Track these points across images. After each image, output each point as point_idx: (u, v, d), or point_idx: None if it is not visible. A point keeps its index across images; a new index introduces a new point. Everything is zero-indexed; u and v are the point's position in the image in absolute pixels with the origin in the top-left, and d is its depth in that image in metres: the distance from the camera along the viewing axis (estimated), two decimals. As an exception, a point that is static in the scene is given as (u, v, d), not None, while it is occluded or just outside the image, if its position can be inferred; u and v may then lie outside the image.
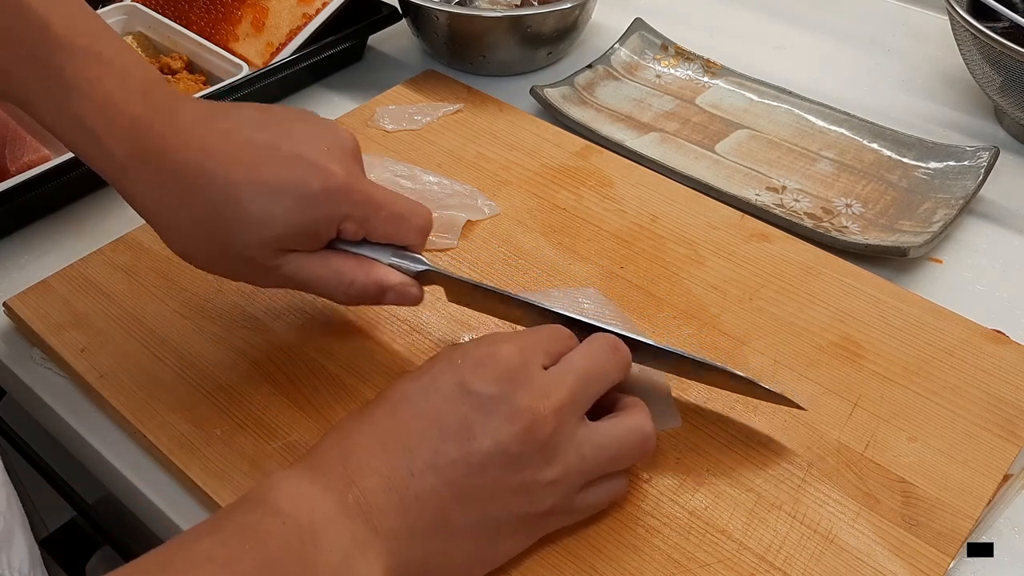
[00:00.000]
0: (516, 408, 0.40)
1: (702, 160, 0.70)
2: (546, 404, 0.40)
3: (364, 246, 0.47)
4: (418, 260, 0.48)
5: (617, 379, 0.44)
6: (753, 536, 0.45)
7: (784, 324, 0.56)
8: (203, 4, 0.79)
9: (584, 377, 0.43)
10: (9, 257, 0.62)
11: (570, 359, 0.43)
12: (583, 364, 0.43)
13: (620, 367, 0.45)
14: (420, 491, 0.39)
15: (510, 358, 0.41)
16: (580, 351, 0.44)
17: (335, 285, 0.46)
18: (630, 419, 0.44)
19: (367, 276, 0.47)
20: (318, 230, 0.45)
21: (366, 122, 0.72)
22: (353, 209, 0.45)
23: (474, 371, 0.41)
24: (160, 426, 0.49)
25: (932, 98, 0.79)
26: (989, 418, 0.50)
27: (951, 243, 0.64)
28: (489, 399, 0.40)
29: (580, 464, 0.41)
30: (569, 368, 0.43)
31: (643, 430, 0.44)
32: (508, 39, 0.77)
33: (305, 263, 0.46)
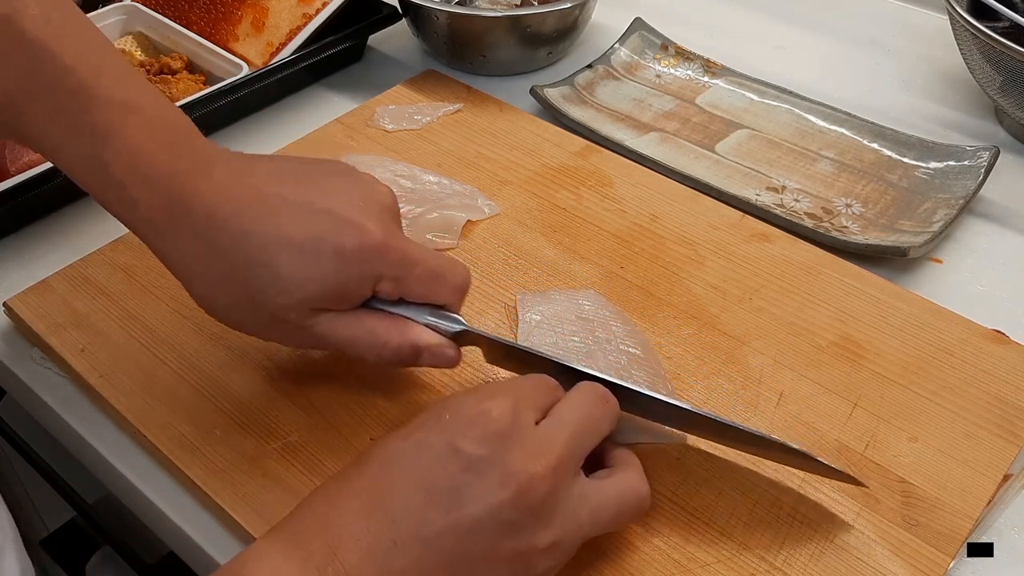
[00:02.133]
0: (509, 470, 0.37)
1: (702, 160, 0.70)
2: (540, 464, 0.38)
3: (400, 305, 0.45)
4: (455, 320, 0.46)
5: (608, 431, 0.42)
6: (753, 536, 0.45)
7: (784, 324, 0.56)
8: (203, 4, 0.79)
9: (578, 432, 0.40)
10: (9, 257, 0.62)
11: (561, 413, 0.41)
12: (575, 417, 0.41)
13: (611, 418, 0.43)
14: (404, 564, 0.36)
15: (501, 417, 0.39)
16: (570, 403, 0.42)
17: (369, 346, 0.44)
18: (627, 479, 0.42)
19: (402, 337, 0.45)
20: (352, 289, 0.43)
21: (366, 122, 0.72)
22: (389, 268, 0.43)
23: (463, 430, 0.39)
24: (160, 426, 0.49)
25: (932, 98, 0.79)
26: (989, 418, 0.50)
27: (951, 243, 0.64)
28: (479, 461, 0.38)
29: (576, 530, 0.39)
30: (561, 423, 0.40)
31: (639, 492, 0.42)
32: (508, 39, 0.77)
33: (338, 324, 0.44)
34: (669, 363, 0.53)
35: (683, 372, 0.53)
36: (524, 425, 0.39)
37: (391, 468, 0.39)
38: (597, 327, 0.54)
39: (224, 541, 0.46)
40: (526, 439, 0.39)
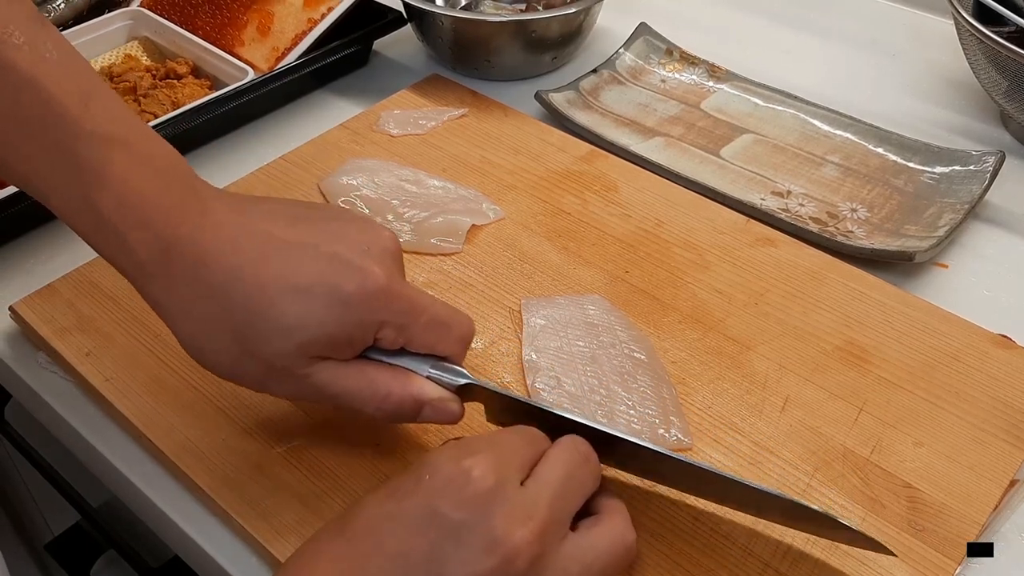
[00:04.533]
0: (493, 536, 0.35)
1: (707, 164, 0.70)
2: (527, 529, 0.36)
3: (400, 356, 0.43)
4: (460, 373, 0.44)
5: (593, 489, 0.40)
6: (758, 541, 0.45)
7: (790, 329, 0.56)
8: (209, 9, 0.79)
9: (563, 492, 0.38)
10: (15, 261, 0.62)
11: (545, 472, 0.39)
12: (559, 476, 0.38)
13: (594, 477, 0.40)
14: None
15: (483, 478, 0.37)
16: (553, 461, 0.39)
17: (369, 397, 0.42)
18: (615, 529, 0.39)
19: (403, 389, 0.42)
20: (353, 336, 0.41)
21: (371, 127, 0.72)
22: (393, 315, 0.41)
23: (443, 492, 0.36)
24: (165, 430, 0.49)
25: (937, 102, 0.79)
26: (995, 423, 0.50)
27: (957, 248, 0.64)
28: (460, 526, 0.36)
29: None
30: (546, 483, 0.38)
31: (626, 541, 0.39)
32: (513, 44, 0.77)
33: (338, 373, 0.42)
34: (674, 368, 0.53)
35: (688, 377, 0.53)
36: (508, 486, 0.37)
37: (368, 536, 0.37)
38: (602, 332, 0.54)
39: (229, 545, 0.46)
40: (510, 501, 0.36)
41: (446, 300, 0.57)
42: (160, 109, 0.71)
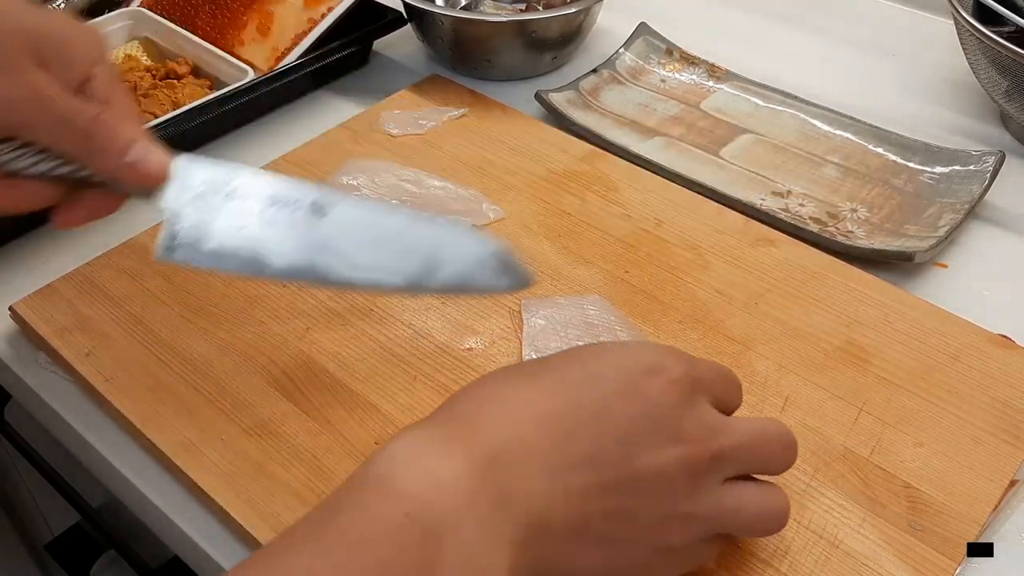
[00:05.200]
0: (681, 432, 0.36)
1: (707, 165, 0.70)
2: (711, 443, 0.37)
3: None
4: None
5: (775, 471, 0.41)
6: (758, 541, 0.45)
7: (789, 329, 0.56)
8: (209, 9, 0.79)
9: (751, 448, 0.39)
10: (15, 261, 0.62)
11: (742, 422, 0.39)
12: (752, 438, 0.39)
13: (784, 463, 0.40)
14: (571, 485, 0.35)
15: (682, 380, 0.38)
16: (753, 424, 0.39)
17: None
18: (775, 499, 0.40)
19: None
20: None
21: (371, 127, 0.72)
22: None
23: (646, 377, 0.37)
24: (165, 430, 0.49)
25: (937, 102, 0.79)
26: (995, 423, 0.50)
27: (957, 248, 0.64)
28: (658, 410, 0.36)
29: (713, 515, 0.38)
30: (742, 429, 0.39)
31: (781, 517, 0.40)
32: (513, 44, 0.77)
33: None
34: (674, 368, 0.53)
35: (688, 377, 0.53)
36: (700, 400, 0.38)
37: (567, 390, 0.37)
38: (602, 332, 0.54)
39: (228, 545, 0.46)
40: (702, 414, 0.38)
41: (446, 300, 0.57)
42: (160, 109, 0.71)
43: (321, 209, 0.44)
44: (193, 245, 0.43)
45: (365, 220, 0.45)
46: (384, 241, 0.44)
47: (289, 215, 0.44)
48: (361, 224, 0.45)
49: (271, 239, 0.44)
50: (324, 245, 0.44)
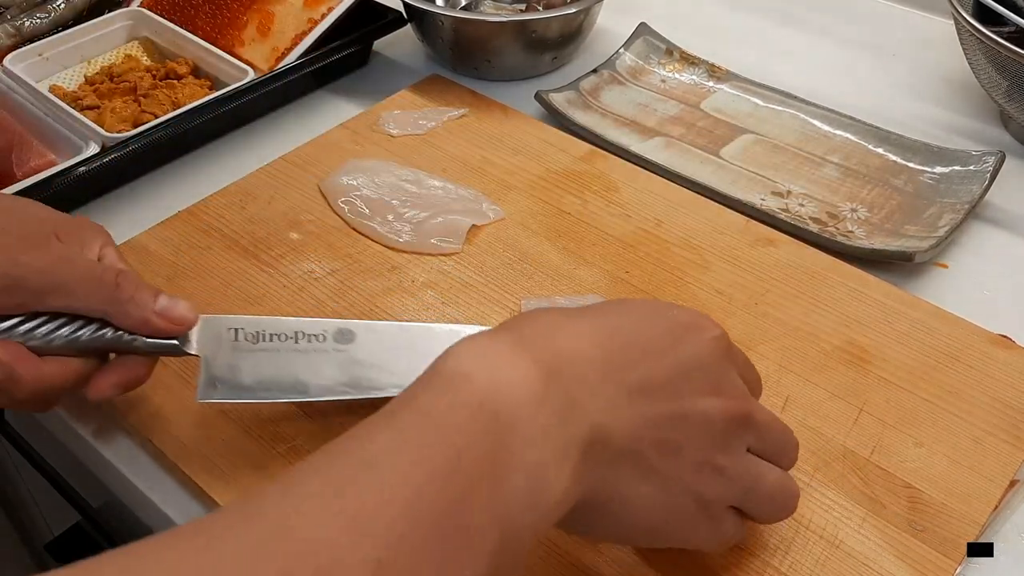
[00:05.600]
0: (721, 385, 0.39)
1: (707, 165, 0.70)
2: (746, 404, 0.39)
3: None
4: None
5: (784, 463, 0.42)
6: (758, 542, 0.45)
7: (790, 329, 0.56)
8: (209, 9, 0.79)
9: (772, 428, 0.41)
10: (15, 261, 0.62)
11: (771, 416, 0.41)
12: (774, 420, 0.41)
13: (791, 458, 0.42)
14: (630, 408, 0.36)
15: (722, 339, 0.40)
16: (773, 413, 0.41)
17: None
18: (790, 481, 0.41)
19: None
20: None
21: (371, 127, 0.72)
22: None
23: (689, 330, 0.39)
24: (165, 430, 0.49)
25: (937, 102, 0.79)
26: (996, 423, 0.50)
27: (957, 248, 0.64)
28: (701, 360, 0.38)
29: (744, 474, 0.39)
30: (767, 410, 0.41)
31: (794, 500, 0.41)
32: (513, 44, 0.77)
33: None
34: (674, 368, 0.53)
35: (688, 377, 0.53)
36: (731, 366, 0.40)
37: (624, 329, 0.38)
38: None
39: (229, 545, 0.46)
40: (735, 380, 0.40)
41: (446, 300, 0.57)
42: (160, 109, 0.71)
43: (347, 335, 0.48)
44: (233, 383, 0.46)
45: (389, 337, 0.48)
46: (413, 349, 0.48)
47: (318, 344, 0.47)
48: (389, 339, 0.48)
49: (308, 366, 0.46)
50: (359, 362, 0.47)
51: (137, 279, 0.45)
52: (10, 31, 0.78)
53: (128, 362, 0.45)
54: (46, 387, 0.44)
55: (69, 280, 0.43)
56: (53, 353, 0.44)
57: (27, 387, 0.43)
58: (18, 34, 0.78)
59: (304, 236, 0.62)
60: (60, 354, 0.44)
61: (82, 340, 0.44)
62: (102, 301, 0.43)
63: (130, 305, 0.43)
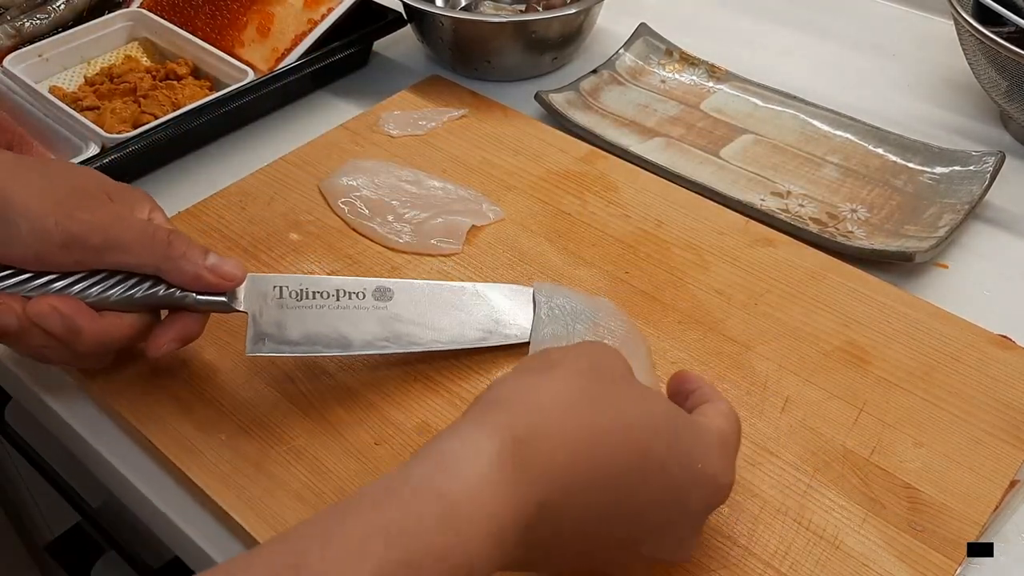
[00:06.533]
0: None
1: (707, 165, 0.70)
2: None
3: None
4: None
5: None
6: (759, 542, 0.45)
7: (789, 329, 0.56)
8: (209, 10, 0.79)
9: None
10: (15, 262, 0.62)
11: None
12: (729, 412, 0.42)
13: None
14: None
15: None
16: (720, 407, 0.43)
17: None
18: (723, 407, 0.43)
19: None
20: None
21: (371, 127, 0.72)
22: None
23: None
24: (164, 430, 0.49)
25: (937, 103, 0.79)
26: (996, 423, 0.50)
27: (957, 248, 0.64)
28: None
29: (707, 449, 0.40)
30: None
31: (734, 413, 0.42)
32: (513, 44, 0.77)
33: None
34: (674, 368, 0.53)
35: (688, 377, 0.53)
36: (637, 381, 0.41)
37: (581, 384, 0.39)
38: (604, 335, 0.54)
39: (228, 545, 0.46)
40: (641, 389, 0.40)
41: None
42: (160, 110, 0.71)
43: (385, 293, 0.51)
44: (279, 338, 0.49)
45: (427, 296, 0.52)
46: (448, 305, 0.53)
47: (358, 302, 0.51)
48: (424, 297, 0.52)
49: (350, 321, 0.50)
50: (398, 317, 0.51)
51: (187, 238, 0.47)
52: (10, 32, 0.78)
53: (181, 318, 0.48)
54: (105, 340, 0.46)
55: (124, 238, 0.45)
56: (109, 308, 0.46)
57: (87, 340, 0.45)
58: (18, 35, 0.78)
59: (304, 237, 0.62)
60: (116, 310, 0.46)
61: (136, 297, 0.46)
62: (155, 258, 0.46)
63: (182, 262, 0.46)
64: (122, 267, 0.46)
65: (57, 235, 0.44)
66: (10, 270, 0.45)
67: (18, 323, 0.44)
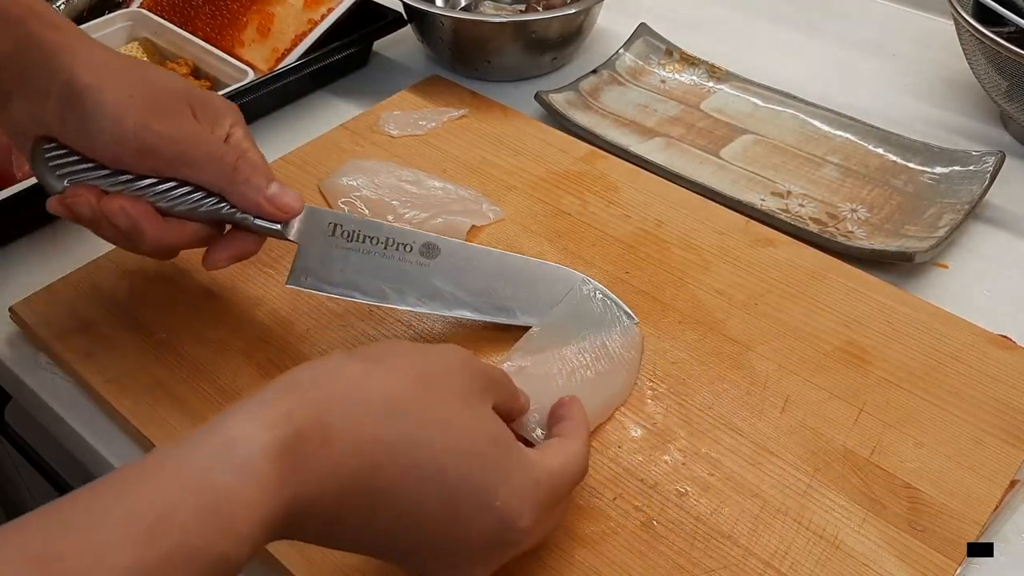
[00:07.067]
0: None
1: (707, 165, 0.70)
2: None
3: None
4: None
5: None
6: (759, 542, 0.45)
7: (790, 329, 0.56)
8: (209, 10, 0.79)
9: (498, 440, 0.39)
10: (15, 262, 0.63)
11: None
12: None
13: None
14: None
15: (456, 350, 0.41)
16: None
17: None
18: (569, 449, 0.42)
19: None
20: None
21: (371, 127, 0.72)
22: None
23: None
24: (166, 431, 0.49)
25: (937, 103, 0.79)
26: (996, 423, 0.50)
27: (957, 248, 0.64)
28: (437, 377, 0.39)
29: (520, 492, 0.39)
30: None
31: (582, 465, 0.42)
32: (513, 44, 0.77)
33: None
34: (674, 368, 0.53)
35: (688, 377, 0.53)
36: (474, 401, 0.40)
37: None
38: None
39: (229, 546, 0.46)
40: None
41: (446, 301, 0.57)
42: (160, 110, 0.71)
43: (432, 250, 0.53)
44: (321, 276, 0.51)
45: (471, 261, 0.53)
46: (487, 275, 0.54)
47: (405, 255, 0.52)
48: (468, 264, 0.53)
49: (392, 273, 0.52)
50: (439, 277, 0.53)
51: (255, 164, 0.49)
52: (10, 32, 0.78)
53: (241, 237, 0.50)
54: (167, 244, 0.49)
55: (195, 155, 0.48)
56: (176, 215, 0.49)
57: (150, 241, 0.48)
58: (18, 35, 0.78)
59: (304, 237, 0.62)
60: (182, 218, 0.49)
61: (202, 210, 0.48)
62: (221, 180, 0.48)
63: (244, 187, 0.48)
64: (191, 181, 0.48)
65: (133, 142, 0.47)
66: (93, 163, 0.48)
67: (91, 214, 0.48)
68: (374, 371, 0.37)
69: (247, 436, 0.32)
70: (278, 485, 0.32)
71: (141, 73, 0.49)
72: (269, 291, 0.58)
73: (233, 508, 0.31)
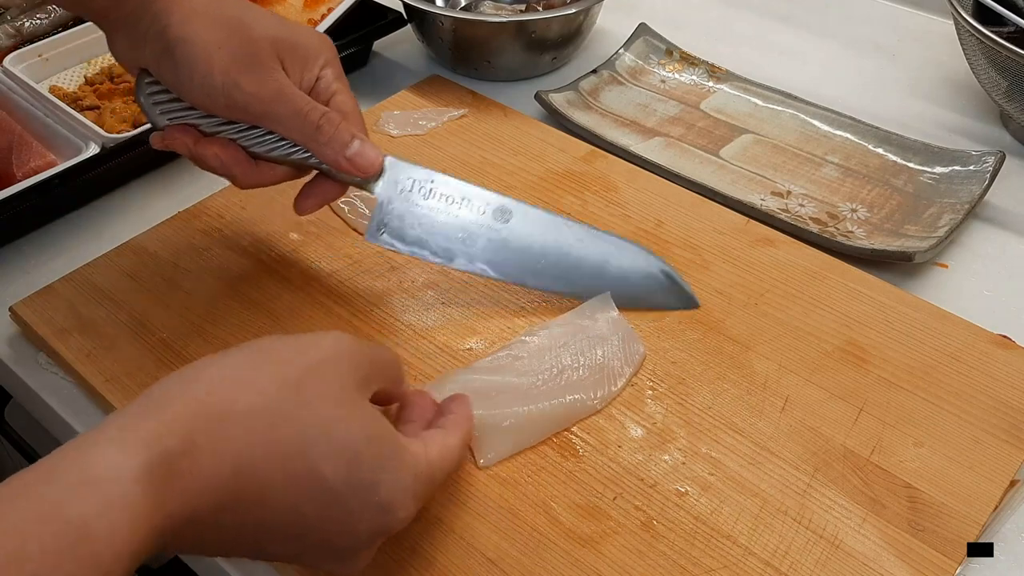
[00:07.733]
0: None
1: (707, 165, 0.70)
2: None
3: None
4: None
5: None
6: (759, 541, 0.45)
7: (789, 329, 0.56)
8: (209, 10, 0.79)
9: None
10: (15, 262, 0.63)
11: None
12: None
13: None
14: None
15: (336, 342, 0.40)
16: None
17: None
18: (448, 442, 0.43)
19: None
20: None
21: (371, 127, 0.72)
22: None
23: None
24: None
25: (937, 103, 0.79)
26: (996, 423, 0.50)
27: (957, 248, 0.64)
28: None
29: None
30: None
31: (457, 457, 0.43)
32: (513, 44, 0.77)
33: None
34: (674, 368, 0.53)
35: (688, 377, 0.53)
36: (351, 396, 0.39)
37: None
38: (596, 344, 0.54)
39: (229, 546, 0.46)
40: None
41: (446, 300, 0.57)
42: (160, 110, 0.71)
43: (505, 213, 0.54)
44: (397, 231, 0.53)
45: (542, 228, 0.54)
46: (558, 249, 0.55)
47: (477, 216, 0.54)
48: (539, 231, 0.54)
49: (461, 236, 0.53)
50: (506, 244, 0.54)
51: (338, 121, 0.50)
52: (10, 32, 0.78)
53: (328, 182, 0.52)
54: (257, 184, 0.52)
55: (280, 113, 0.49)
56: (266, 160, 0.51)
57: (240, 182, 0.51)
58: (18, 35, 0.78)
59: (304, 236, 0.62)
60: (273, 162, 0.51)
61: (292, 158, 0.50)
62: (304, 137, 0.50)
63: (326, 147, 0.50)
64: (281, 133, 0.50)
65: (221, 97, 0.48)
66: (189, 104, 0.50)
67: (188, 154, 0.51)
68: (242, 378, 0.36)
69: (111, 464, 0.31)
70: (152, 508, 0.31)
71: (235, 19, 0.49)
72: (269, 291, 0.58)
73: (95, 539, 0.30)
